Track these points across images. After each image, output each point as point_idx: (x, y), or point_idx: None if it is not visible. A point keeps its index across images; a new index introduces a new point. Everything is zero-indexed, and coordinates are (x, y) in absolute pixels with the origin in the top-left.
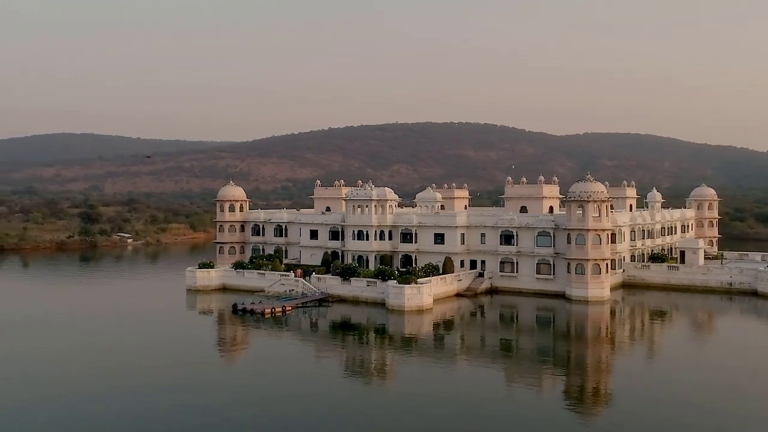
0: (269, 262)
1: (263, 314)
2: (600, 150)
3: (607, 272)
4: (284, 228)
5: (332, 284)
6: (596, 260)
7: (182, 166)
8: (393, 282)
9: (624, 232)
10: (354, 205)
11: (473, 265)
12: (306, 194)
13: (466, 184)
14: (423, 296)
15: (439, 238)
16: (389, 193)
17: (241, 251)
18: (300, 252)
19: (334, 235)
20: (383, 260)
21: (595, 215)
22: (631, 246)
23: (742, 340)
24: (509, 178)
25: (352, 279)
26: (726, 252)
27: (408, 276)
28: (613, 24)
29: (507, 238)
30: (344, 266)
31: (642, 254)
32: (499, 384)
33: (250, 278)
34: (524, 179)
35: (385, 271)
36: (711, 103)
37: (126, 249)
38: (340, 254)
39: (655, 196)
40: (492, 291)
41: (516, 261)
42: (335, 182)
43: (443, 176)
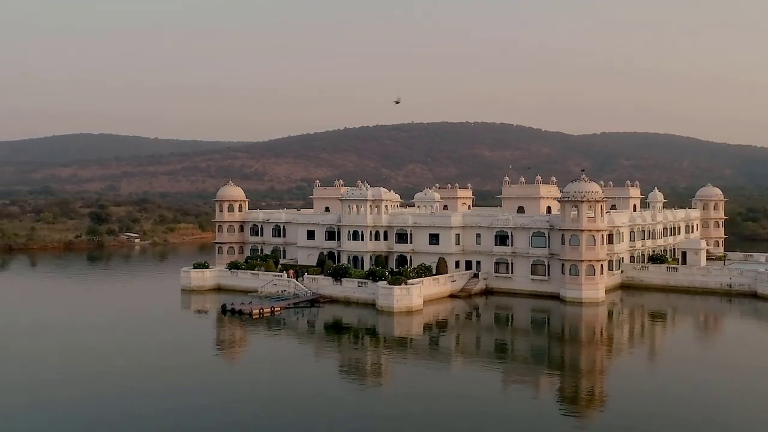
0: (263, 263)
1: (251, 315)
2: (617, 150)
3: (602, 273)
4: (282, 228)
5: (324, 285)
6: (590, 261)
7: (198, 166)
8: (383, 283)
9: (622, 233)
10: (349, 206)
11: (468, 266)
12: None
13: (470, 184)
14: (412, 297)
15: (434, 239)
16: (384, 193)
17: (240, 251)
18: (297, 252)
19: (331, 236)
20: (378, 261)
21: (590, 215)
22: (631, 247)
23: (738, 342)
24: (506, 178)
25: (344, 279)
26: (731, 253)
27: (398, 277)
28: (632, 21)
29: (502, 239)
30: (335, 267)
31: (642, 255)
32: (493, 385)
33: (244, 278)
34: (522, 179)
35: (376, 272)
36: (731, 102)
37: (133, 249)
38: (336, 255)
39: (656, 196)
40: (487, 292)
41: (511, 262)
42: (335, 182)
43: (458, 176)
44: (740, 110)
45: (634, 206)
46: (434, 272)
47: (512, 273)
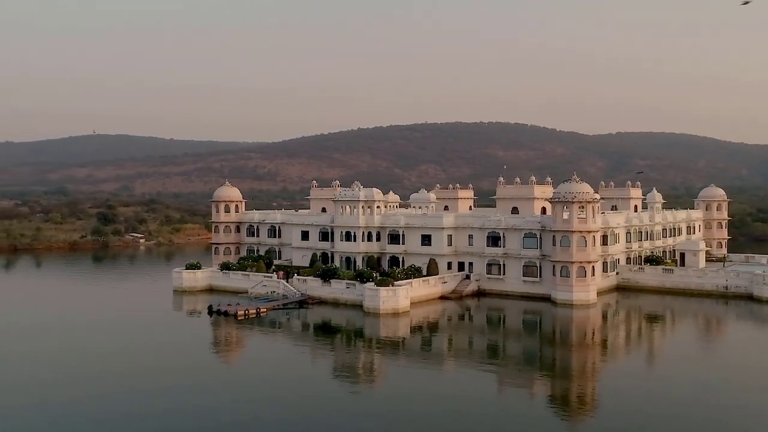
0: (254, 264)
1: (236, 316)
2: (632, 149)
3: (593, 275)
4: (278, 229)
5: (313, 286)
6: (581, 263)
7: (212, 167)
8: (370, 284)
9: (618, 234)
10: (342, 206)
11: (461, 267)
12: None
13: (471, 185)
14: (399, 299)
15: (426, 240)
16: (377, 194)
17: (237, 252)
18: (292, 253)
19: (324, 237)
20: (370, 262)
21: (581, 216)
22: (627, 248)
23: (731, 345)
24: (501, 179)
25: (332, 281)
26: (733, 254)
27: (385, 278)
28: (651, 21)
29: (494, 240)
30: (324, 268)
31: (639, 256)
32: (485, 387)
33: (235, 279)
34: (518, 179)
35: (364, 273)
36: (749, 102)
37: (138, 249)
38: (330, 255)
39: (655, 197)
40: (479, 293)
41: (503, 263)
42: (332, 183)
43: (471, 176)
44: (758, 110)
45: (635, 207)
46: (425, 273)
47: (504, 274)
